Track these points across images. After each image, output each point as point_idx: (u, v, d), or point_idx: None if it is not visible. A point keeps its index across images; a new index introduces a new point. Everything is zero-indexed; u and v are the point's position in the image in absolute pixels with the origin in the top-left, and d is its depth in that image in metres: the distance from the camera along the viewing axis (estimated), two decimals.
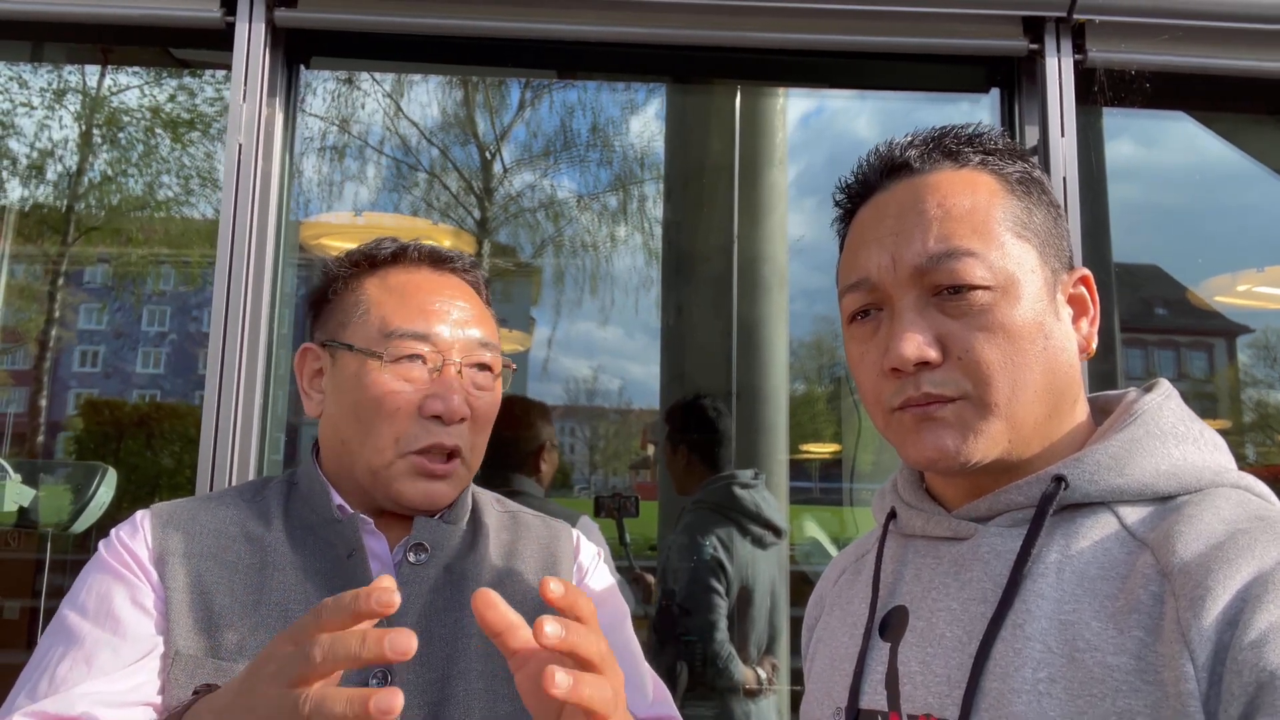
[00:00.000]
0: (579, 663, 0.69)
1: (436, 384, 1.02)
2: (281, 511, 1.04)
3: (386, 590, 0.64)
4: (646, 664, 1.11)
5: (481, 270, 1.15)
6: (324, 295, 1.10)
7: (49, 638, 0.93)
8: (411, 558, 1.01)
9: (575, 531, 1.16)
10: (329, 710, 0.61)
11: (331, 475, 1.06)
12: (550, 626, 0.66)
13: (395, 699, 0.60)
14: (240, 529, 1.01)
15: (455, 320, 1.05)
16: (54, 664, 0.89)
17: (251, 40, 1.87)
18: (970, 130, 0.84)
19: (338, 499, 1.04)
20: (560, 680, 0.64)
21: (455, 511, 1.07)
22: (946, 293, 0.76)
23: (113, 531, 1.00)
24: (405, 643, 0.62)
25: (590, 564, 1.13)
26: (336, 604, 0.66)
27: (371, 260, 1.08)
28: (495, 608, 0.70)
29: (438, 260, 1.10)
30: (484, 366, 1.07)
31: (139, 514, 1.02)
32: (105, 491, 2.51)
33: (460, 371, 1.03)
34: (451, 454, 1.03)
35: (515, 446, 2.48)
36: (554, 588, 0.68)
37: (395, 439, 1.00)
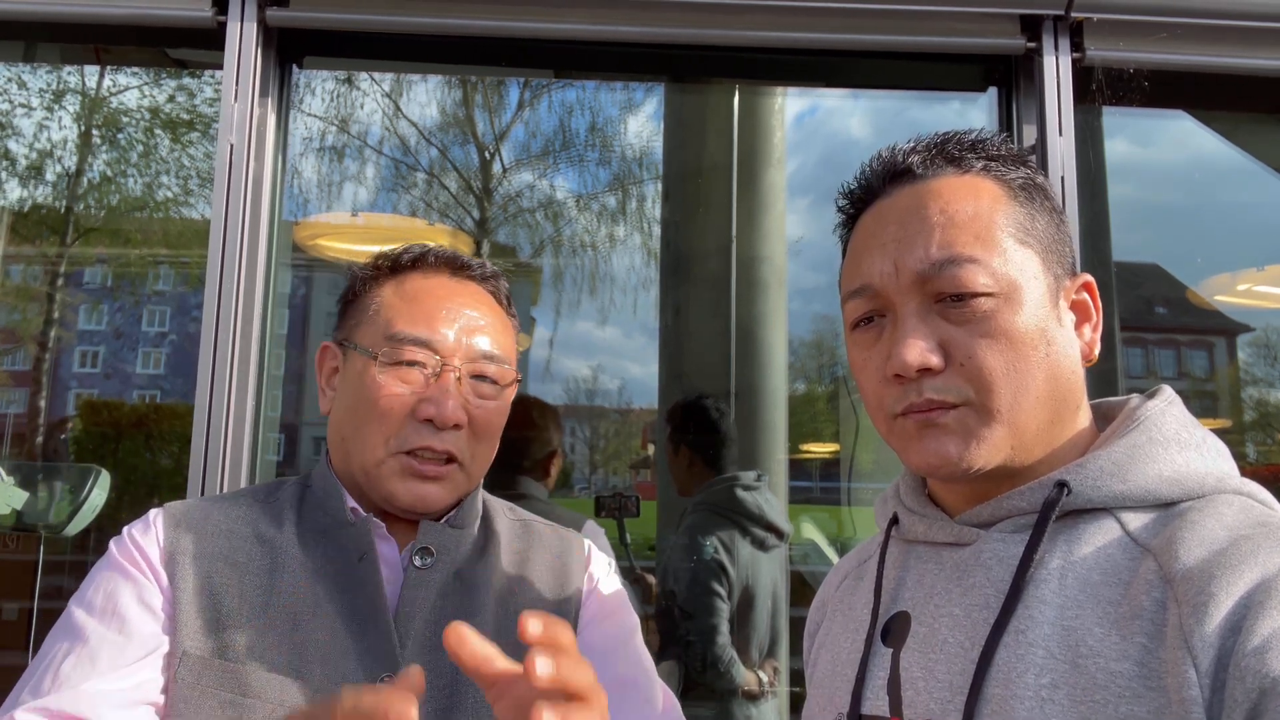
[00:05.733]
0: (567, 693, 0.67)
1: (433, 388, 1.01)
2: (294, 513, 1.03)
3: (404, 703, 0.62)
4: (657, 676, 1.10)
5: (504, 281, 1.14)
6: (349, 296, 1.11)
7: (55, 635, 0.93)
8: (417, 561, 1.00)
9: (586, 541, 1.15)
10: None
11: (341, 476, 1.06)
12: (541, 664, 0.64)
13: None
14: (252, 530, 1.01)
15: (463, 327, 1.04)
16: (58, 661, 0.89)
17: (243, 40, 1.86)
18: (973, 136, 0.83)
19: (351, 501, 1.03)
20: None
21: (462, 516, 1.06)
22: (949, 299, 0.76)
23: (125, 529, 1.00)
24: None
25: (601, 574, 1.12)
26: (356, 707, 0.63)
27: (393, 264, 1.10)
28: (466, 644, 0.67)
29: (457, 267, 1.10)
30: (487, 378, 1.05)
31: (152, 512, 1.02)
32: (99, 494, 2.49)
33: (460, 379, 1.03)
34: (450, 459, 1.02)
35: (528, 450, 2.46)
36: (532, 628, 0.66)
37: (386, 439, 1.00)
